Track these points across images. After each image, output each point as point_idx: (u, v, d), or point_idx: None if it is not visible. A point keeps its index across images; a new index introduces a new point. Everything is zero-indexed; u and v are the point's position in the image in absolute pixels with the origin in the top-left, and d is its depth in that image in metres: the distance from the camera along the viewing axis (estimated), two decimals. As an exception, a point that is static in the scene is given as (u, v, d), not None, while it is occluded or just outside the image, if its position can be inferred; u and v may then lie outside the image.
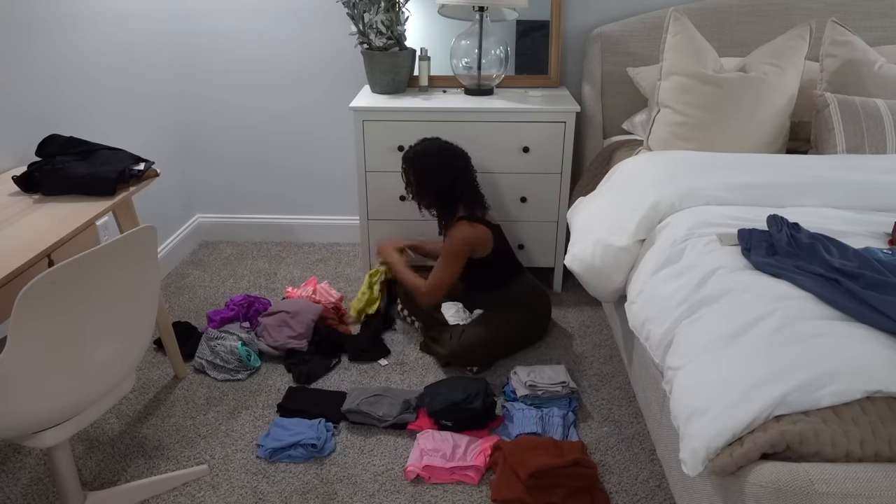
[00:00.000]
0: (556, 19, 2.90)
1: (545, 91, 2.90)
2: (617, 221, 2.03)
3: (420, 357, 2.44)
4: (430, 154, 2.39)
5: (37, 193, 1.83)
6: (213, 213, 3.39)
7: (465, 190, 2.42)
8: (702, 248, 1.70)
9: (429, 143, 2.43)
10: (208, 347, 2.35)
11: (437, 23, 2.93)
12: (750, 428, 1.18)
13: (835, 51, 2.42)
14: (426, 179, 2.39)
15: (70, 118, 2.37)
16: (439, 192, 2.40)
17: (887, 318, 1.29)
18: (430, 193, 2.41)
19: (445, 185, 2.38)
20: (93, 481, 1.87)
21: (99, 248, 1.34)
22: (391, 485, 1.86)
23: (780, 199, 1.92)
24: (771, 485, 1.10)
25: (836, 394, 1.17)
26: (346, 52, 3.00)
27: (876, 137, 2.23)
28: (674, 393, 1.42)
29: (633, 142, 2.67)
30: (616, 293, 2.08)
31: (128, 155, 1.96)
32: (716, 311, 1.48)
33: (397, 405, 2.09)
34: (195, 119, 3.19)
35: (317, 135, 3.20)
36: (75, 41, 2.39)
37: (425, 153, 2.40)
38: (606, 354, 2.45)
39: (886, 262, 1.48)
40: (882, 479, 1.09)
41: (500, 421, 2.09)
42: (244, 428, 2.08)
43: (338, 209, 3.34)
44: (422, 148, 2.41)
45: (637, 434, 2.05)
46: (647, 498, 1.82)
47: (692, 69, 2.36)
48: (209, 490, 1.84)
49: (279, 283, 2.97)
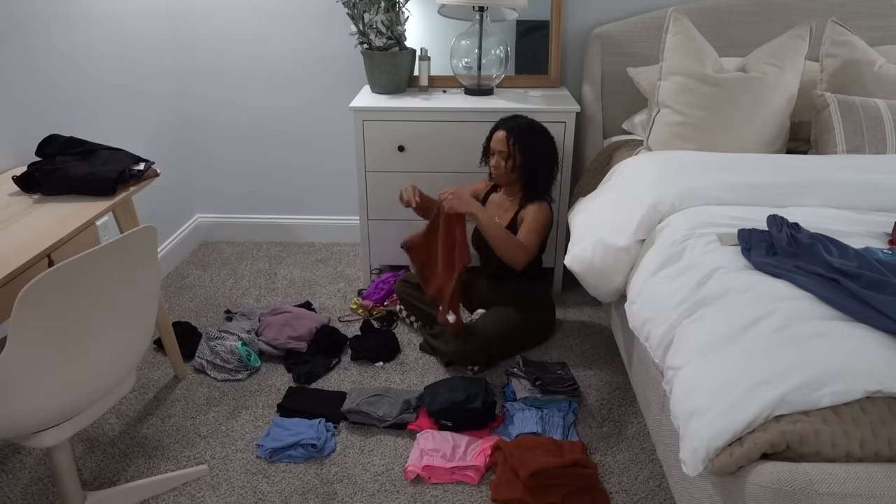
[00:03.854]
0: (556, 19, 2.90)
1: (545, 91, 2.90)
2: (617, 221, 2.03)
3: (420, 357, 2.44)
4: (541, 132, 2.39)
5: (37, 193, 1.83)
6: (213, 213, 3.39)
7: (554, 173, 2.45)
8: (702, 248, 1.70)
9: (532, 121, 2.41)
10: (208, 347, 2.35)
11: (437, 23, 2.93)
12: (750, 428, 1.18)
13: (835, 51, 2.42)
14: (538, 152, 2.37)
15: (70, 118, 2.37)
16: (543, 169, 2.39)
17: (887, 318, 1.29)
18: (536, 167, 2.38)
19: (549, 163, 2.40)
20: (93, 481, 1.87)
21: (99, 248, 1.34)
22: (391, 485, 1.86)
23: (780, 199, 1.92)
24: (771, 485, 1.10)
25: (836, 394, 1.17)
26: (346, 52, 3.00)
27: (876, 137, 2.23)
28: (674, 393, 1.41)
29: (633, 142, 2.66)
30: (616, 293, 2.08)
31: (128, 155, 1.96)
32: (716, 311, 1.48)
33: (397, 405, 2.09)
34: (195, 119, 3.19)
35: (317, 135, 3.20)
36: (75, 41, 2.39)
37: (536, 129, 2.39)
38: (606, 354, 2.45)
39: (886, 262, 1.48)
40: (882, 479, 1.09)
41: (500, 421, 2.09)
42: (244, 428, 2.08)
43: (338, 209, 3.35)
44: (529, 124, 2.39)
45: (637, 434, 2.06)
46: (647, 498, 1.82)
47: (692, 69, 2.36)
48: (209, 490, 1.84)
49: (279, 283, 2.97)
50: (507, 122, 2.39)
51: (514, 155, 2.35)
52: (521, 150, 2.35)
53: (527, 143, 2.35)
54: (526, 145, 2.35)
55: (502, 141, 2.36)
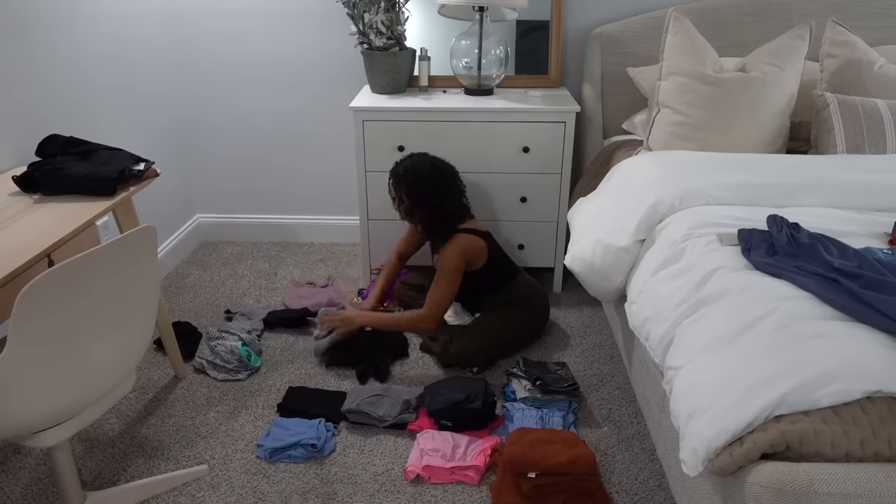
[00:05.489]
0: (556, 19, 2.90)
1: (545, 91, 2.90)
2: (617, 221, 2.03)
3: (420, 357, 2.44)
4: (422, 171, 2.36)
5: (37, 193, 1.83)
6: (213, 213, 3.39)
7: (456, 206, 2.40)
8: (702, 248, 1.70)
9: (419, 158, 2.40)
10: (208, 347, 2.36)
11: (437, 23, 2.93)
12: (750, 428, 1.18)
13: (835, 51, 2.42)
14: (420, 197, 2.36)
15: (70, 118, 2.37)
16: (433, 208, 2.37)
17: (887, 318, 1.29)
18: (425, 210, 2.38)
19: (439, 201, 2.36)
20: (93, 481, 1.87)
21: (99, 248, 1.34)
22: (391, 485, 1.86)
23: (779, 199, 1.92)
24: (771, 485, 1.10)
25: (836, 394, 1.17)
26: (345, 52, 3.00)
27: (876, 137, 2.23)
28: (674, 393, 1.42)
29: (633, 142, 2.67)
30: (616, 293, 2.08)
31: (128, 155, 1.96)
32: (716, 311, 1.48)
33: (397, 405, 2.09)
34: (195, 119, 3.19)
35: (317, 135, 3.20)
36: (75, 41, 2.39)
37: (417, 170, 2.36)
38: (606, 354, 2.45)
39: (886, 262, 1.48)
40: (882, 479, 1.09)
41: (500, 421, 2.09)
42: (244, 428, 2.08)
43: (338, 209, 3.34)
44: (412, 164, 2.38)
45: (637, 434, 2.05)
46: (647, 498, 1.82)
47: (692, 69, 2.36)
48: (209, 490, 1.84)
49: (279, 283, 2.97)
50: (394, 167, 2.41)
51: (402, 199, 2.38)
52: (406, 193, 2.36)
53: (409, 184, 2.35)
54: (411, 187, 2.35)
55: (389, 187, 2.40)
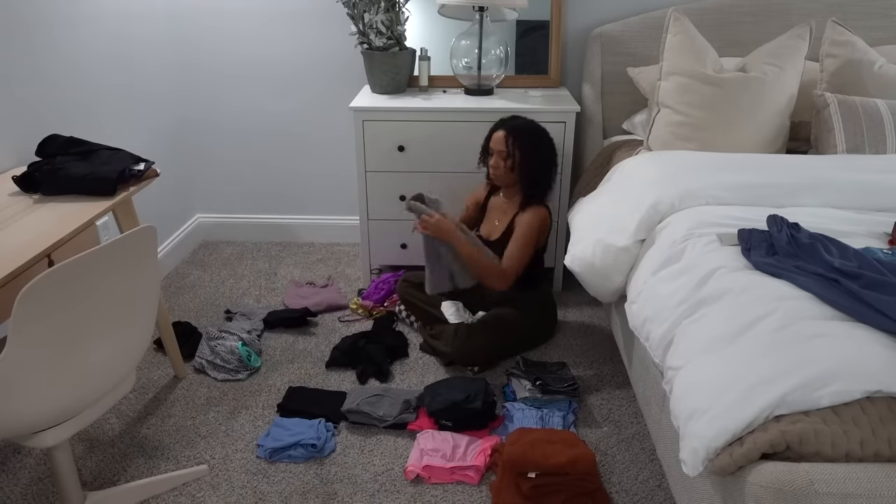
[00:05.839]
0: (556, 19, 2.90)
1: (545, 91, 2.90)
2: (617, 221, 2.03)
3: (420, 357, 2.44)
4: (543, 131, 2.38)
5: (37, 193, 1.83)
6: (213, 213, 3.39)
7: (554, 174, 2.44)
8: (702, 249, 1.69)
9: (532, 121, 2.40)
10: (208, 347, 2.36)
11: (437, 23, 2.93)
12: (750, 428, 1.18)
13: (835, 51, 2.42)
14: (534, 151, 2.35)
15: (70, 118, 2.37)
16: (544, 165, 2.38)
17: (887, 318, 1.29)
18: (534, 166, 2.36)
19: (551, 161, 2.39)
20: (93, 481, 1.87)
21: (99, 248, 1.34)
22: (391, 485, 1.86)
23: (779, 199, 1.92)
24: (771, 485, 1.10)
25: (836, 394, 1.17)
26: (345, 52, 3.00)
27: (876, 137, 2.23)
28: (674, 393, 1.41)
29: (633, 142, 2.66)
30: (616, 293, 2.08)
31: (128, 155, 1.96)
32: (716, 311, 1.47)
33: (397, 405, 2.09)
34: (195, 119, 3.19)
35: (317, 135, 3.20)
36: (75, 41, 2.39)
37: (539, 129, 2.37)
38: (606, 354, 2.45)
39: (886, 262, 1.48)
40: (882, 479, 1.08)
41: (500, 421, 2.09)
42: (244, 428, 2.08)
43: (338, 209, 3.34)
44: (531, 123, 2.38)
45: (637, 434, 2.05)
46: (647, 498, 1.82)
47: (692, 69, 2.36)
48: (209, 490, 1.84)
49: (279, 282, 2.97)
50: (507, 122, 2.39)
51: (514, 154, 2.34)
52: (520, 149, 2.34)
53: (526, 142, 2.34)
54: (525, 145, 2.34)
55: (501, 140, 2.35)
